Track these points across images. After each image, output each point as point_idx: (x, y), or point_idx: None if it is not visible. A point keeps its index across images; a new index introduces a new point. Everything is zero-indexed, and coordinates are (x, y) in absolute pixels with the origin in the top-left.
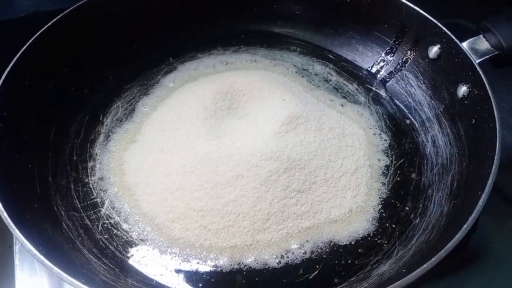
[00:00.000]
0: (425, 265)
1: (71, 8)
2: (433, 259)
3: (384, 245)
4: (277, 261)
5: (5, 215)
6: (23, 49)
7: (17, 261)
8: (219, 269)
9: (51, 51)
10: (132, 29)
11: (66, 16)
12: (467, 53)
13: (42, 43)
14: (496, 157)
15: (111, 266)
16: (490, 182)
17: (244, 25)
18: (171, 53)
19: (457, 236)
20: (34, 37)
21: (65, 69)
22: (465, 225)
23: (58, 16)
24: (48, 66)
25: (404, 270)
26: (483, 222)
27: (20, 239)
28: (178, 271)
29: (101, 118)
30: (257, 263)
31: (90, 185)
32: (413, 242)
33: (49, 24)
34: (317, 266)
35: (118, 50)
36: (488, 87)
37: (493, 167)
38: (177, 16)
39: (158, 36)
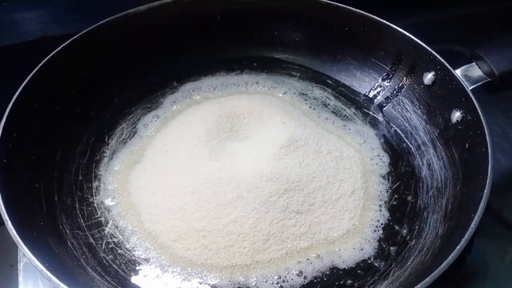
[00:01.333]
0: (419, 285)
1: (80, 34)
2: (427, 279)
3: (381, 266)
4: (276, 282)
5: (14, 233)
6: (33, 72)
7: (21, 279)
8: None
9: (59, 75)
10: (137, 53)
11: (75, 41)
12: (460, 80)
13: (52, 67)
14: (488, 180)
15: (114, 284)
16: (482, 205)
17: (246, 50)
18: (174, 77)
19: (450, 257)
20: (44, 60)
21: (72, 92)
22: (458, 247)
23: (68, 41)
24: (57, 89)
25: None
26: (479, 243)
27: (28, 256)
28: None
29: (106, 139)
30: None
31: (95, 205)
32: (409, 263)
33: (59, 48)
34: (314, 286)
35: (124, 74)
36: (480, 113)
37: (485, 191)
38: (180, 42)
39: (162, 61)
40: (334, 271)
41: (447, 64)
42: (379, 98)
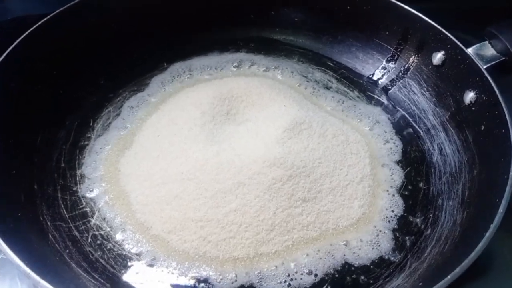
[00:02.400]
0: (449, 277)
1: (62, 8)
2: (457, 269)
3: (396, 257)
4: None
5: None
6: (9, 50)
7: None
8: (219, 285)
9: (39, 53)
10: (126, 32)
11: (56, 17)
12: (473, 59)
13: (30, 44)
14: None
15: (102, 281)
16: (508, 188)
17: (242, 31)
18: (165, 58)
19: (482, 242)
20: (21, 37)
21: (54, 72)
22: (488, 233)
23: (48, 17)
24: (36, 69)
25: (420, 284)
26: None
27: (3, 250)
28: (175, 287)
29: (91, 124)
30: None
31: (79, 194)
32: (426, 254)
33: (38, 24)
34: (326, 284)
35: (111, 54)
36: (497, 92)
37: (511, 173)
38: (173, 21)
39: (153, 41)
40: (345, 266)
41: (458, 43)
42: (384, 81)
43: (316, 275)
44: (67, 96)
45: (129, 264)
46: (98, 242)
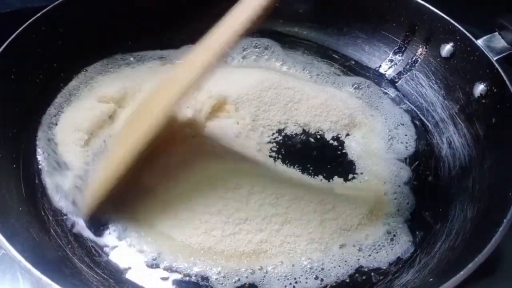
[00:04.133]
0: (462, 272)
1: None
2: (470, 264)
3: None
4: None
5: None
6: (9, 40)
7: None
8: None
9: (39, 44)
10: (122, 24)
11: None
12: (484, 50)
13: (30, 35)
14: None
15: (105, 276)
16: None
17: None
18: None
19: (495, 237)
20: (20, 29)
21: (54, 65)
22: (501, 228)
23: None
24: (36, 60)
25: (431, 279)
26: None
27: (3, 245)
28: (179, 282)
29: None
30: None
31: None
32: (436, 249)
33: (37, 15)
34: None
35: (110, 46)
36: (508, 83)
37: None
38: (171, 10)
39: (151, 30)
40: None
41: (468, 34)
42: (391, 73)
43: (322, 281)
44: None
45: (132, 259)
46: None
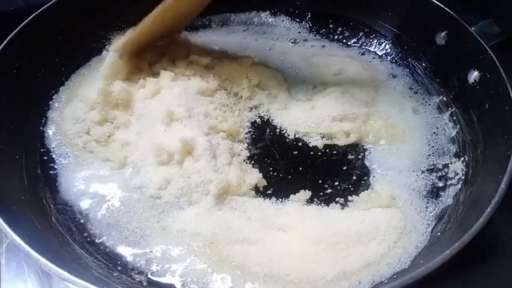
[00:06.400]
0: (448, 251)
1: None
2: (456, 244)
3: None
4: None
5: None
6: (11, 35)
7: (3, 260)
8: None
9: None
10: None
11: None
12: (477, 37)
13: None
14: None
15: (104, 261)
16: (511, 164)
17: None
18: None
19: (483, 217)
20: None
21: (56, 59)
22: (488, 209)
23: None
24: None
25: (421, 261)
26: (498, 219)
27: (6, 231)
28: (174, 270)
29: None
30: None
31: None
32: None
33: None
34: None
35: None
36: (501, 69)
37: None
38: None
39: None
40: None
41: (461, 21)
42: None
43: None
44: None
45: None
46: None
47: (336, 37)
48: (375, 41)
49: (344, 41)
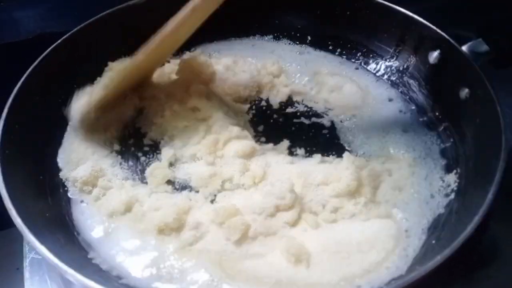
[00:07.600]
0: (438, 257)
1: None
2: (446, 250)
3: None
4: None
5: (18, 221)
6: (32, 66)
7: (27, 275)
8: None
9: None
10: None
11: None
12: (466, 56)
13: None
14: (503, 152)
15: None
16: (498, 176)
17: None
18: None
19: (471, 225)
20: (43, 54)
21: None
22: (477, 217)
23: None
24: (57, 81)
25: (417, 267)
26: (494, 226)
27: (35, 246)
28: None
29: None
30: None
31: None
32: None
33: (59, 41)
34: None
35: None
36: (489, 87)
37: (500, 162)
38: None
39: None
40: None
41: (452, 41)
42: (385, 80)
43: None
44: None
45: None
46: None
47: (334, 56)
48: (371, 60)
49: (343, 58)
